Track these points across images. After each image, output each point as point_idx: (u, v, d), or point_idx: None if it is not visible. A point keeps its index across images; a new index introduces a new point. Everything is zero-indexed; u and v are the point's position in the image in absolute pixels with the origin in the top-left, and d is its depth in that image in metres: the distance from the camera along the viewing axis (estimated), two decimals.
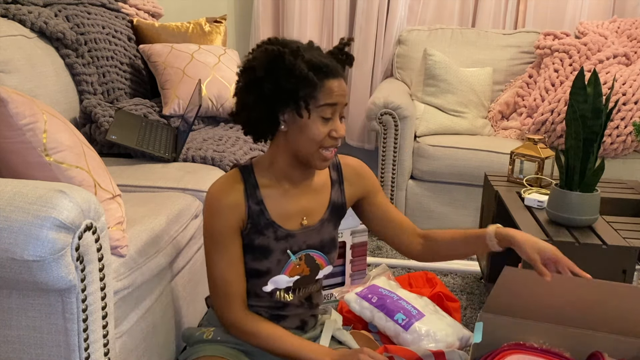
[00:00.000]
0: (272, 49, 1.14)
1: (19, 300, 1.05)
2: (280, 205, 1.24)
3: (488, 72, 2.92)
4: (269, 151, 1.25)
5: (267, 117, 1.18)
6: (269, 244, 1.24)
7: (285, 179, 1.25)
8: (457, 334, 1.69)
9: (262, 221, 1.23)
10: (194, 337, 1.32)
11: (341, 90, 1.17)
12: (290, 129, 1.18)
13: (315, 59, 1.14)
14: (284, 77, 1.13)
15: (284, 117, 1.18)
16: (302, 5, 3.28)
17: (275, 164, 1.24)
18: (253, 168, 1.24)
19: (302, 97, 1.14)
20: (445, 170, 2.57)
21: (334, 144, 1.19)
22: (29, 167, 1.17)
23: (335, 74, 1.16)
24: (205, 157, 1.90)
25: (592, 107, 1.51)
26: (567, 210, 1.58)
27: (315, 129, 1.16)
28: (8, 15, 1.92)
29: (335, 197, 1.32)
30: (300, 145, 1.18)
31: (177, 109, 2.23)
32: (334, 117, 1.18)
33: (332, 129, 1.18)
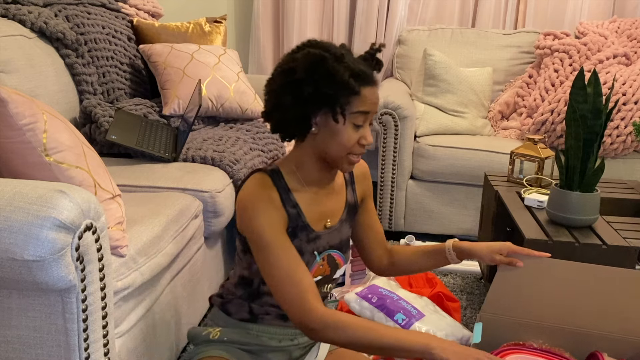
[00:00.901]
0: (315, 53, 1.12)
1: (19, 300, 1.05)
2: (310, 207, 1.23)
3: (488, 72, 2.92)
4: (294, 153, 1.24)
5: (300, 119, 1.16)
6: (301, 245, 1.22)
7: (313, 181, 1.24)
8: (457, 334, 1.69)
9: (299, 224, 1.21)
10: (199, 337, 1.31)
11: (375, 99, 1.17)
12: (321, 132, 1.17)
13: (355, 66, 1.14)
14: (325, 81, 1.12)
15: (316, 119, 1.16)
16: (302, 5, 3.28)
17: (302, 166, 1.23)
18: (281, 171, 1.22)
19: (339, 102, 1.13)
20: (445, 170, 2.57)
21: (362, 151, 1.19)
22: (29, 167, 1.17)
23: (371, 81, 1.16)
24: (205, 157, 1.90)
25: (592, 107, 1.51)
26: (567, 210, 1.58)
27: (347, 135, 1.16)
28: (8, 15, 1.92)
29: (349, 197, 1.33)
30: (329, 149, 1.18)
31: (177, 109, 2.23)
32: (365, 125, 1.18)
33: (362, 136, 1.17)
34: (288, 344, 1.31)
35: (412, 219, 2.67)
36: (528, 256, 1.28)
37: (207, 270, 1.80)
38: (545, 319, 1.38)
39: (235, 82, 2.38)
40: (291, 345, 1.31)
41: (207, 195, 1.69)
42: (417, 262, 1.39)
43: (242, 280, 1.27)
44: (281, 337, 1.30)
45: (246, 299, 1.27)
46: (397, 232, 2.69)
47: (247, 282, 1.27)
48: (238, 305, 1.28)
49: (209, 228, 1.73)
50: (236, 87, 2.37)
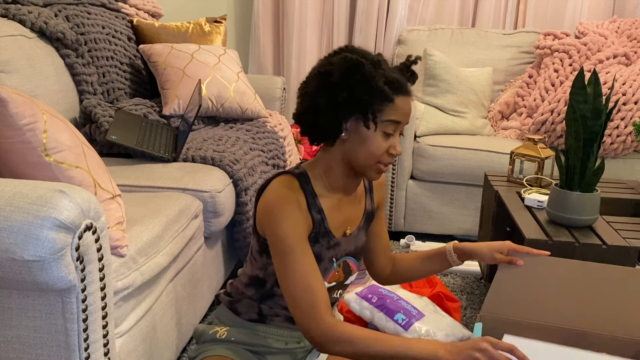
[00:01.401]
0: (352, 58, 1.12)
1: (19, 300, 1.05)
2: (333, 214, 1.23)
3: (488, 72, 2.92)
4: (322, 158, 1.22)
5: (331, 123, 1.15)
6: (321, 252, 1.22)
7: (338, 187, 1.23)
8: (457, 334, 1.69)
9: (322, 230, 1.20)
10: (206, 335, 1.30)
11: (408, 109, 1.16)
12: (351, 137, 1.16)
13: (390, 74, 1.13)
14: (360, 86, 1.11)
15: (347, 125, 1.15)
16: (302, 5, 3.28)
17: (329, 171, 1.21)
18: (308, 175, 1.21)
19: (372, 108, 1.12)
20: (445, 170, 2.57)
21: (390, 160, 1.18)
22: (29, 167, 1.17)
23: (405, 91, 1.15)
24: (205, 157, 1.90)
25: (592, 107, 1.51)
26: (567, 210, 1.58)
27: (376, 143, 1.15)
28: (8, 15, 1.92)
29: (368, 205, 1.32)
30: (357, 156, 1.17)
31: (177, 109, 2.23)
32: (395, 134, 1.17)
33: (391, 146, 1.17)
34: (294, 347, 1.30)
35: (412, 219, 2.67)
36: (528, 255, 1.28)
37: (207, 270, 1.80)
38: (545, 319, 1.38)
39: (235, 82, 2.38)
40: (297, 347, 1.31)
41: (207, 195, 1.69)
42: (419, 268, 1.39)
43: (254, 280, 1.26)
44: (288, 340, 1.29)
45: (257, 299, 1.26)
46: (397, 232, 2.69)
47: (260, 283, 1.26)
48: (247, 306, 1.27)
49: (209, 228, 1.73)
50: (236, 87, 2.37)
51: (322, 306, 1.12)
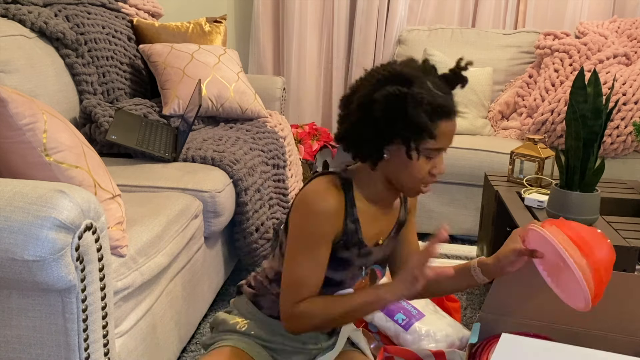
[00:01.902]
0: (394, 93, 1.08)
1: (19, 300, 1.05)
2: (369, 224, 1.22)
3: (488, 72, 2.92)
4: (365, 171, 1.21)
5: (374, 150, 1.15)
6: (351, 258, 1.22)
7: (378, 200, 1.23)
8: (457, 334, 1.69)
9: (354, 239, 1.20)
10: (227, 324, 1.29)
11: (452, 132, 1.14)
12: (393, 159, 1.15)
13: (433, 101, 1.10)
14: (403, 124, 1.09)
15: (390, 148, 1.14)
16: (302, 5, 3.28)
17: (370, 185, 1.21)
18: (353, 183, 1.21)
19: (415, 142, 1.11)
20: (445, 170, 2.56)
21: (432, 180, 1.18)
22: (29, 167, 1.17)
23: (450, 115, 1.12)
24: (205, 157, 1.90)
25: (592, 107, 1.51)
26: (567, 210, 1.58)
27: (418, 167, 1.14)
28: (8, 15, 1.92)
29: (401, 215, 1.32)
30: (399, 178, 1.17)
31: (177, 109, 2.23)
32: (438, 155, 1.16)
33: (434, 167, 1.16)
34: (311, 347, 1.31)
35: None
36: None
37: (207, 270, 1.80)
38: (545, 319, 1.38)
39: (235, 82, 2.38)
40: (314, 348, 1.31)
41: (207, 195, 1.69)
42: (443, 283, 1.33)
43: (280, 277, 1.24)
44: (306, 340, 1.30)
45: None
46: None
47: None
48: (271, 302, 1.27)
49: (209, 228, 1.73)
50: (236, 87, 2.37)
51: (302, 296, 1.18)
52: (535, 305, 1.36)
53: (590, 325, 1.34)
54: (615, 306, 1.31)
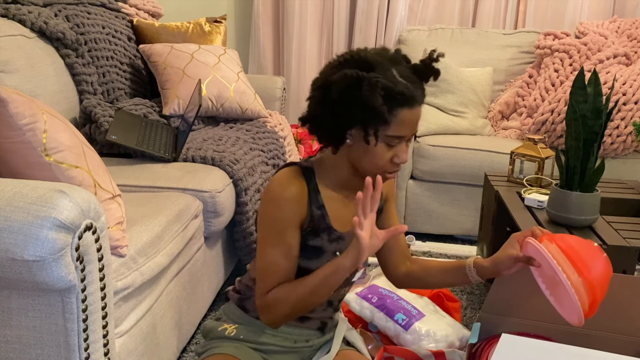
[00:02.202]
0: (351, 75, 1.09)
1: (19, 300, 1.05)
2: (337, 210, 1.23)
3: (488, 72, 2.92)
4: (330, 157, 1.22)
5: (334, 133, 1.16)
6: (323, 245, 1.23)
7: (346, 185, 1.24)
8: (457, 334, 1.69)
9: (322, 225, 1.21)
10: (215, 332, 1.30)
11: (414, 121, 1.14)
12: (355, 145, 1.16)
13: (393, 87, 1.10)
14: (358, 106, 1.10)
15: (351, 132, 1.15)
16: (302, 5, 3.28)
17: (338, 171, 1.22)
18: (314, 171, 1.22)
19: (372, 126, 1.11)
20: (445, 170, 2.57)
21: (395, 169, 1.18)
22: (29, 167, 1.17)
23: (411, 103, 1.12)
24: (205, 157, 1.90)
25: (592, 107, 1.51)
26: (567, 210, 1.58)
27: (379, 155, 1.14)
28: (8, 15, 1.92)
29: None
30: (361, 163, 1.17)
31: (177, 109, 2.23)
32: (400, 144, 1.16)
33: (395, 155, 1.16)
34: (303, 345, 1.30)
35: (412, 219, 2.67)
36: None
37: (207, 270, 1.80)
38: (545, 319, 1.38)
39: (235, 82, 2.38)
40: (306, 347, 1.31)
41: (207, 195, 1.69)
42: (435, 276, 1.35)
43: None
44: (296, 338, 1.29)
45: None
46: None
47: None
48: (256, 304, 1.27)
49: (209, 228, 1.73)
50: (236, 87, 2.37)
51: (272, 285, 1.19)
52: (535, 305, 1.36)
53: (590, 325, 1.34)
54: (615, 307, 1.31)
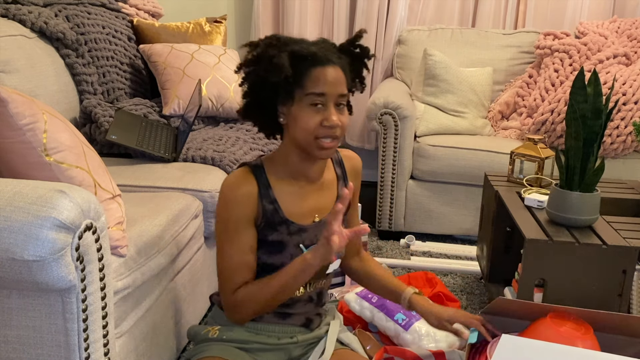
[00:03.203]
0: (258, 53, 1.18)
1: (19, 300, 1.05)
2: (293, 202, 1.25)
3: (488, 72, 2.92)
4: (280, 149, 1.26)
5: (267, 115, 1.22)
6: (283, 239, 1.25)
7: (299, 175, 1.26)
8: None
9: (277, 219, 1.24)
10: (199, 336, 1.32)
11: (330, 78, 1.16)
12: (289, 121, 1.20)
13: (302, 49, 1.16)
14: (265, 68, 1.15)
15: (283, 110, 1.20)
16: (302, 5, 3.28)
17: (286, 159, 1.25)
18: (264, 166, 1.25)
19: (285, 86, 1.16)
20: (445, 170, 2.57)
21: (328, 133, 1.18)
22: (29, 167, 1.17)
23: (323, 62, 1.16)
24: (205, 157, 1.90)
25: (592, 107, 1.51)
26: (567, 210, 1.58)
27: (306, 118, 1.17)
28: (8, 15, 1.92)
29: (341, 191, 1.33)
30: (297, 136, 1.20)
31: (177, 109, 2.23)
32: (327, 106, 1.18)
33: (324, 118, 1.17)
34: (287, 342, 1.31)
35: (412, 219, 2.67)
36: None
37: (207, 270, 1.80)
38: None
39: (235, 82, 2.38)
40: (290, 343, 1.31)
41: (207, 195, 1.69)
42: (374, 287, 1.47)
43: None
44: (280, 335, 1.30)
45: None
46: (397, 232, 2.69)
47: None
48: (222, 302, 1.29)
49: (209, 228, 1.73)
50: (236, 87, 2.37)
51: (236, 283, 1.23)
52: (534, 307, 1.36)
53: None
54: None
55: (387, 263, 2.38)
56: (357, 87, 1.29)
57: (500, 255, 2.02)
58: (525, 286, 1.56)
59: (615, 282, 1.51)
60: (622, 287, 1.51)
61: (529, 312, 1.33)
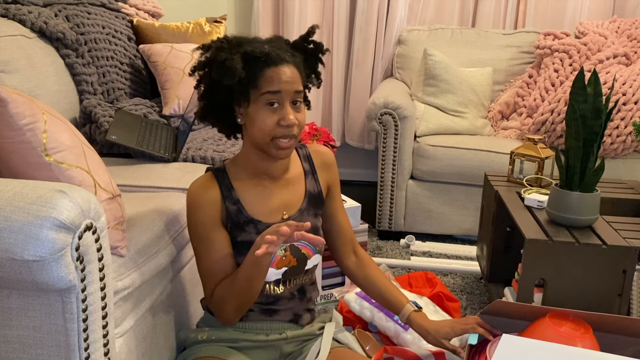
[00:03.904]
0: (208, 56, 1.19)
1: (19, 300, 1.05)
2: (258, 201, 1.26)
3: (488, 72, 2.92)
4: (242, 150, 1.28)
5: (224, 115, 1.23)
6: (252, 238, 1.25)
7: (261, 173, 1.27)
8: None
9: (242, 219, 1.25)
10: (189, 339, 1.33)
11: (283, 77, 1.17)
12: (246, 121, 1.21)
13: (254, 50, 1.16)
14: (218, 72, 1.16)
15: (240, 110, 1.21)
16: (302, 5, 3.28)
17: (248, 159, 1.26)
18: (226, 169, 1.27)
19: (239, 88, 1.17)
20: (445, 170, 2.57)
21: (285, 132, 1.18)
22: (29, 167, 1.16)
23: (275, 61, 1.16)
24: (205, 157, 1.90)
25: (592, 107, 1.51)
26: (567, 210, 1.58)
27: (263, 118, 1.17)
28: (8, 15, 1.92)
29: (310, 187, 1.33)
30: (255, 137, 1.20)
31: (177, 109, 2.23)
32: (283, 105, 1.18)
33: (281, 117, 1.17)
34: (277, 338, 1.31)
35: (412, 219, 2.67)
36: None
37: None
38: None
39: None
40: (280, 339, 1.32)
41: None
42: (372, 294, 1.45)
43: None
44: (268, 331, 1.31)
45: None
46: (397, 232, 2.69)
47: None
48: None
49: None
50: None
51: (214, 285, 1.25)
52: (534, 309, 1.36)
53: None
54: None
55: (387, 263, 2.38)
56: (313, 82, 1.30)
57: (500, 255, 2.02)
58: (525, 286, 1.56)
59: (615, 282, 1.51)
60: (622, 287, 1.51)
61: (527, 314, 1.33)
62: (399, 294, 1.41)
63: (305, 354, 1.34)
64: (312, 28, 1.26)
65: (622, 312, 1.53)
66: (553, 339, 1.24)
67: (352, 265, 1.47)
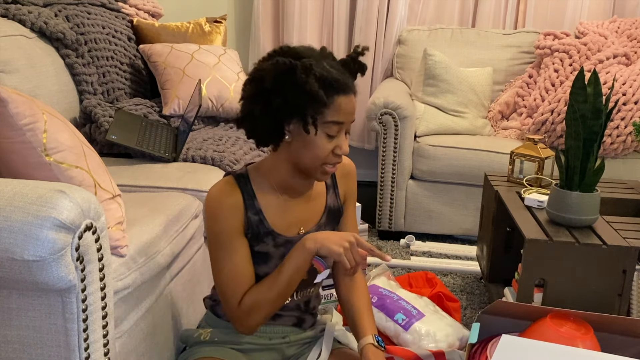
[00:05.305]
0: (284, 62, 1.09)
1: (19, 300, 1.05)
2: (278, 214, 1.23)
3: (488, 72, 2.92)
4: (270, 158, 1.23)
5: (272, 127, 1.15)
6: (268, 250, 1.23)
7: (285, 188, 1.23)
8: (457, 334, 1.69)
9: (262, 230, 1.21)
10: (191, 339, 1.33)
11: (350, 108, 1.14)
12: (295, 140, 1.16)
13: (327, 74, 1.10)
14: (294, 92, 1.09)
15: (289, 127, 1.14)
16: (302, 5, 3.28)
17: (275, 172, 1.22)
18: (249, 176, 1.22)
19: (310, 113, 1.11)
20: (445, 170, 2.57)
21: (337, 160, 1.18)
22: (29, 167, 1.17)
23: (345, 90, 1.12)
24: (205, 157, 1.90)
25: (592, 107, 1.51)
26: (567, 210, 1.58)
27: (320, 145, 1.14)
28: (8, 15, 1.92)
29: (330, 202, 1.31)
30: (303, 159, 1.17)
31: (177, 109, 2.23)
32: (340, 134, 1.16)
33: (337, 146, 1.16)
34: (279, 342, 1.31)
35: (412, 219, 2.67)
36: None
37: (207, 270, 1.80)
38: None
39: (235, 82, 2.38)
40: (282, 343, 1.31)
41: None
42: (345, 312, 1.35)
43: None
44: (271, 335, 1.30)
45: None
46: (397, 232, 2.69)
47: None
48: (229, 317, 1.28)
49: None
50: (236, 87, 2.36)
51: (240, 295, 1.20)
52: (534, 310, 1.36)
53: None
54: None
55: (387, 263, 2.38)
56: None
57: (500, 255, 2.02)
58: (525, 286, 1.56)
59: (615, 282, 1.51)
60: (622, 287, 1.51)
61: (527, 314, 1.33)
62: (367, 323, 1.30)
63: (306, 356, 1.34)
64: (363, 50, 1.21)
65: (622, 312, 1.53)
66: (554, 339, 1.24)
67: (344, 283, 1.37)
